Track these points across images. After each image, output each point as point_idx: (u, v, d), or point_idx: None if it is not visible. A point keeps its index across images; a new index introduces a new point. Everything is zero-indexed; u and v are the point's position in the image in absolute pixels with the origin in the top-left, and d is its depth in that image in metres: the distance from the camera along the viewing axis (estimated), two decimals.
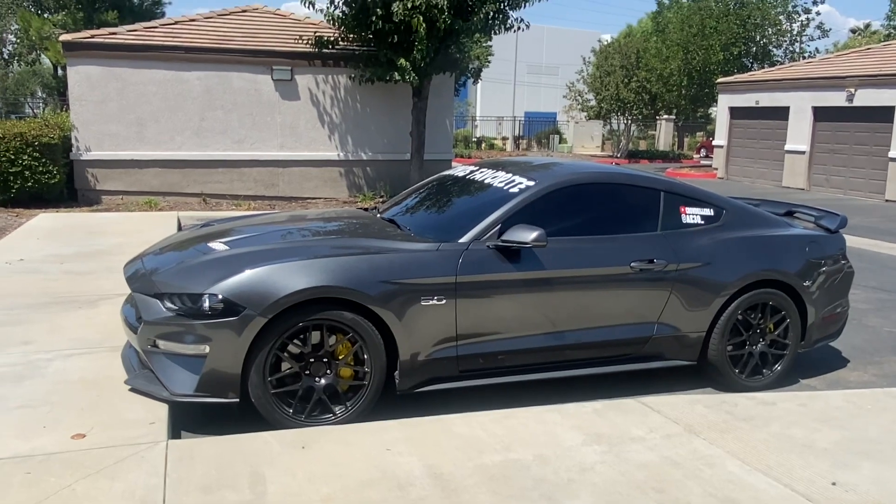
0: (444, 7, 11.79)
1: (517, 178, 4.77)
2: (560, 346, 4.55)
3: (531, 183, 4.65)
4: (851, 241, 11.25)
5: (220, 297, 3.81)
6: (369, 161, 14.37)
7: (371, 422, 3.90)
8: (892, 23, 38.59)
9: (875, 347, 6.15)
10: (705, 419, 4.06)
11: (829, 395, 4.68)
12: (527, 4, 13.11)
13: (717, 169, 23.46)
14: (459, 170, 5.52)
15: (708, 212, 4.98)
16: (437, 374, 4.26)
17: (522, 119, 43.54)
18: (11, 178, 11.46)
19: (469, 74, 28.33)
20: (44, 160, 11.65)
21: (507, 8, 12.83)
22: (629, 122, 34.56)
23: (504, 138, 42.47)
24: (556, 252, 4.42)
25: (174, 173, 13.15)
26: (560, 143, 39.97)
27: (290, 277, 3.87)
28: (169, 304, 3.92)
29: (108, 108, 12.70)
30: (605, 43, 34.69)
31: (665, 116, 35.67)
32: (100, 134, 12.71)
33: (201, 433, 3.94)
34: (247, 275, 3.87)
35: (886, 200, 17.57)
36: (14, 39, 25.55)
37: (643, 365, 4.80)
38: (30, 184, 11.60)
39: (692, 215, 4.92)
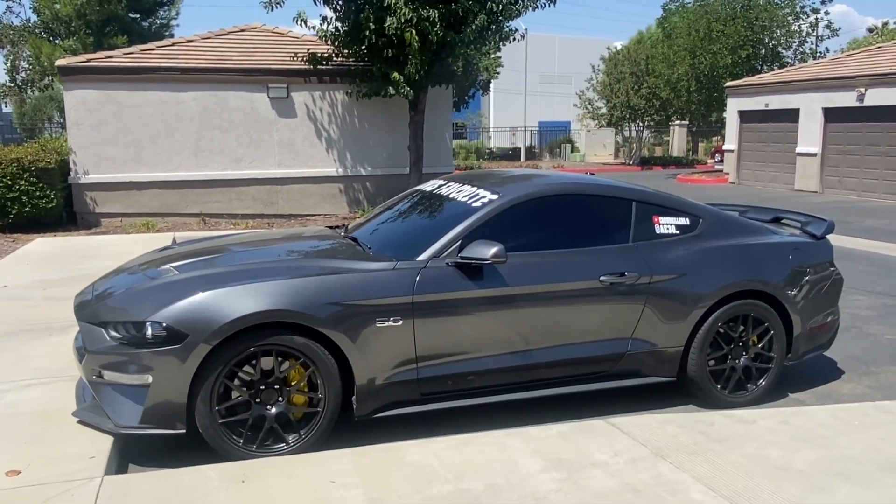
0: (436, 20, 11.69)
1: (481, 192, 4.61)
2: (529, 366, 4.36)
3: (494, 196, 4.49)
4: (861, 243, 10.99)
5: (163, 324, 3.68)
6: (368, 176, 14.28)
7: (321, 451, 3.74)
8: None
9: (873, 357, 5.87)
10: (676, 441, 3.85)
11: (814, 410, 4.43)
12: (523, 13, 12.98)
13: (728, 174, 23.09)
14: (428, 184, 5.36)
15: (683, 221, 4.78)
16: (397, 398, 4.09)
17: (536, 129, 43.28)
18: (9, 203, 11.50)
19: (478, 87, 28.20)
20: (41, 185, 11.68)
21: (501, 18, 12.68)
22: (641, 128, 34.22)
23: (517, 148, 42.23)
24: (520, 267, 4.25)
25: (172, 194, 13.14)
26: (572, 151, 39.60)
27: (235, 302, 3.73)
28: (113, 333, 3.80)
29: (106, 131, 12.73)
30: (615, 50, 34.41)
31: (678, 122, 35.27)
32: (98, 157, 12.74)
33: (151, 466, 3.81)
34: (189, 301, 3.73)
35: None
36: (26, 66, 25.76)
37: (619, 382, 4.59)
38: (27, 209, 11.63)
39: (666, 225, 4.72)
